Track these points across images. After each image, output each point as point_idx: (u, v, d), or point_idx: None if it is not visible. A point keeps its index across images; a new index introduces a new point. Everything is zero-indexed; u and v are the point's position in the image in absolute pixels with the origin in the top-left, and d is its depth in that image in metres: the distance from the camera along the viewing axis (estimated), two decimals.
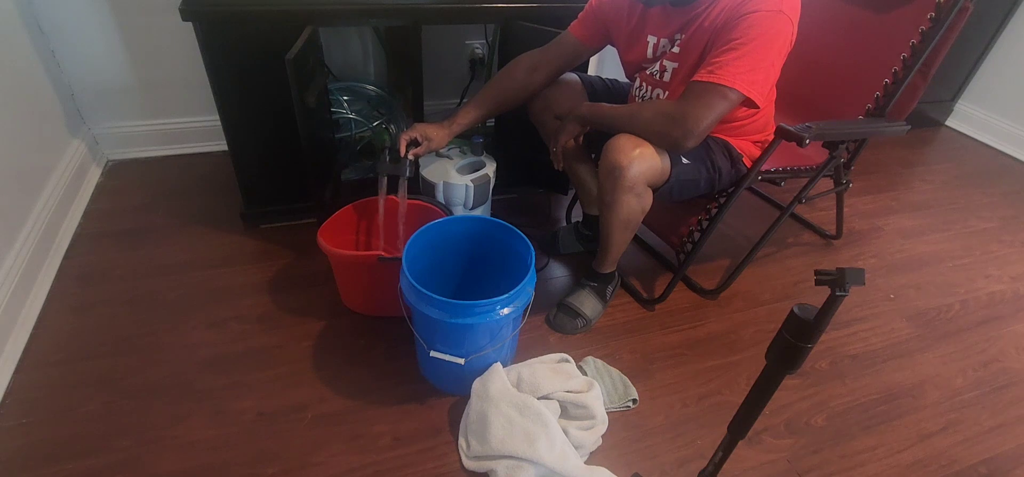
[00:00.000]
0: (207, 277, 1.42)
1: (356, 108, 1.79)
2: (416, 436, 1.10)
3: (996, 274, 1.69)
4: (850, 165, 1.52)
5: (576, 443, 1.07)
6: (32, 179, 1.43)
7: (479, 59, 1.95)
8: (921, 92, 1.39)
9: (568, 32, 1.31)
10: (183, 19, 1.22)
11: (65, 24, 1.59)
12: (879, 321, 1.48)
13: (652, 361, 1.30)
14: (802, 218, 1.87)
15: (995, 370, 1.36)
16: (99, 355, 1.20)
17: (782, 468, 1.10)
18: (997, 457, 1.16)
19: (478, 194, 1.46)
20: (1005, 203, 2.07)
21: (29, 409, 1.09)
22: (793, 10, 1.02)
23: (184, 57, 1.70)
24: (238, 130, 1.42)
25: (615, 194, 1.16)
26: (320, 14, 1.31)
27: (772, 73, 1.07)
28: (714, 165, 1.24)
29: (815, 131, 1.21)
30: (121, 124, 1.80)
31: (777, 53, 1.04)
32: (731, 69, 1.02)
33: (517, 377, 1.13)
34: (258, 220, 1.60)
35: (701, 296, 1.51)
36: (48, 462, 1.00)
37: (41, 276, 1.34)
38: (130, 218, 1.61)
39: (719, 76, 1.02)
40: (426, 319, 1.04)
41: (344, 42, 1.85)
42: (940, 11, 1.27)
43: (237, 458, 1.04)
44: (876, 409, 1.24)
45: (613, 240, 1.28)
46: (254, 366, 1.21)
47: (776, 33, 1.01)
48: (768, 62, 1.04)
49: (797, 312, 0.65)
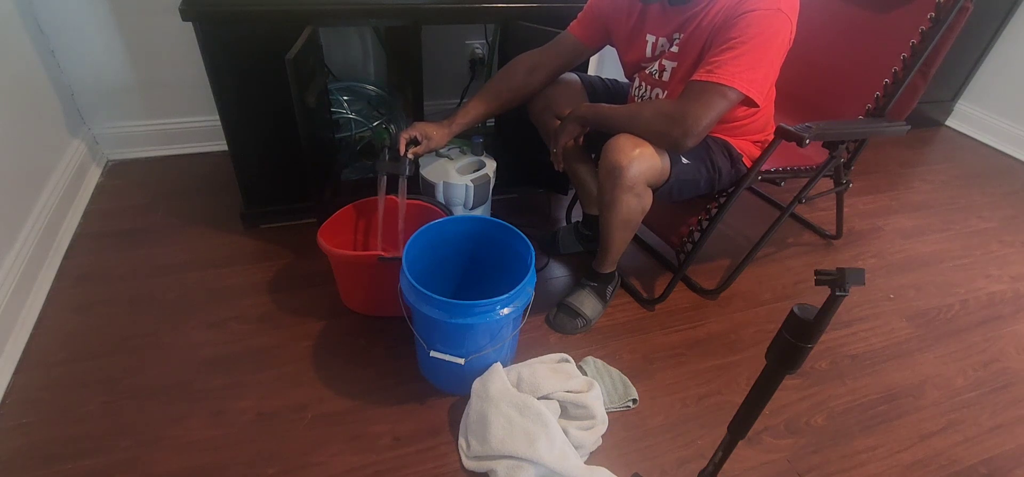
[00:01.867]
0: (207, 277, 1.42)
1: (356, 108, 1.79)
2: (416, 436, 1.10)
3: (996, 274, 1.69)
4: (850, 165, 1.52)
5: (576, 443, 1.07)
6: (32, 179, 1.43)
7: (479, 59, 1.95)
8: (921, 92, 1.39)
9: (567, 32, 1.31)
10: (183, 19, 1.22)
11: (65, 24, 1.59)
12: (879, 321, 1.48)
13: (652, 361, 1.30)
14: (802, 218, 1.87)
15: (995, 370, 1.36)
16: (99, 355, 1.20)
17: (782, 468, 1.10)
18: (997, 457, 1.16)
19: (478, 194, 1.46)
20: (1005, 203, 2.07)
21: (29, 409, 1.09)
22: (791, 9, 1.02)
23: (184, 57, 1.70)
24: (238, 130, 1.42)
25: (615, 194, 1.16)
26: (320, 14, 1.31)
27: (771, 72, 1.07)
28: (714, 165, 1.24)
29: (815, 131, 1.21)
30: (121, 124, 1.80)
31: (776, 52, 1.04)
32: (730, 68, 1.02)
33: (517, 377, 1.13)
34: (258, 220, 1.60)
35: (701, 296, 1.51)
36: (48, 462, 1.00)
37: (41, 276, 1.34)
38: (130, 218, 1.61)
39: (718, 75, 1.02)
40: (426, 319, 1.04)
41: (344, 42, 1.85)
42: (940, 11, 1.27)
43: (237, 458, 1.04)
44: (876, 409, 1.24)
45: (613, 240, 1.28)
46: (254, 366, 1.21)
47: (775, 32, 1.01)
48: (767, 61, 1.04)
49: (797, 312, 0.65)
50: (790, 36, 1.04)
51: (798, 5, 1.04)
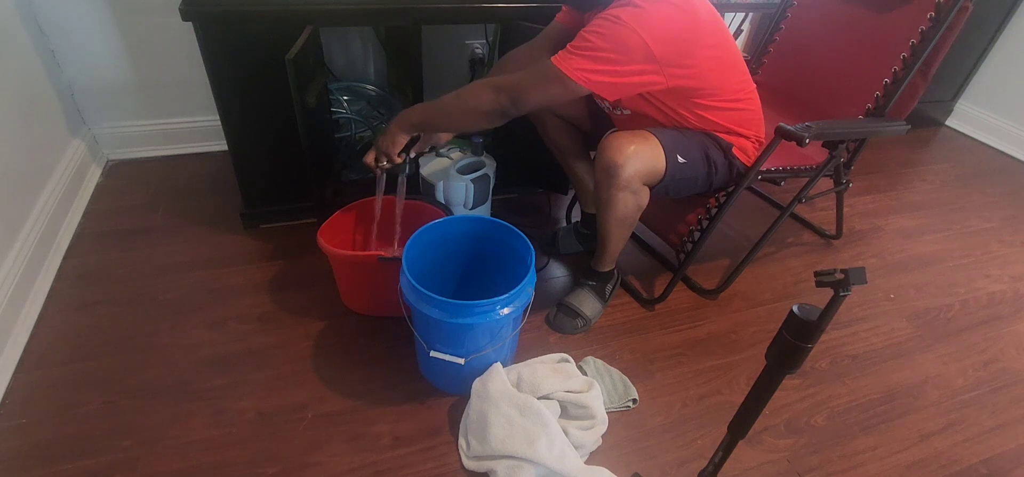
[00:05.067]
0: (207, 277, 1.42)
1: (356, 108, 1.79)
2: (416, 436, 1.10)
3: (996, 274, 1.69)
4: (850, 165, 1.52)
5: (576, 443, 1.07)
6: (32, 179, 1.43)
7: (479, 59, 1.95)
8: (921, 92, 1.39)
9: (555, 21, 1.31)
10: (183, 19, 1.22)
11: (65, 24, 1.59)
12: (879, 321, 1.48)
13: (652, 361, 1.30)
14: (802, 218, 1.86)
15: (995, 370, 1.36)
16: (99, 355, 1.20)
17: (782, 468, 1.10)
18: (997, 457, 1.16)
19: (478, 194, 1.46)
20: (1005, 203, 2.07)
21: (29, 409, 1.09)
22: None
23: (184, 57, 1.70)
24: (238, 130, 1.42)
25: (611, 192, 1.16)
26: (320, 14, 1.31)
27: (619, 73, 1.05)
28: (709, 159, 1.23)
29: (815, 131, 1.21)
30: (121, 124, 1.80)
31: (623, 47, 1.02)
32: (576, 60, 1.02)
33: (517, 377, 1.13)
34: (258, 220, 1.60)
35: (701, 296, 1.51)
36: (48, 462, 1.00)
37: (41, 276, 1.34)
38: (130, 218, 1.61)
39: (566, 64, 1.03)
40: (426, 319, 1.04)
41: (344, 42, 1.85)
42: (940, 11, 1.27)
43: (237, 458, 1.04)
44: (876, 409, 1.24)
45: (611, 238, 1.28)
46: (254, 366, 1.21)
47: (625, 30, 1.00)
48: (605, 56, 1.02)
49: (797, 312, 0.65)
50: (656, 23, 1.02)
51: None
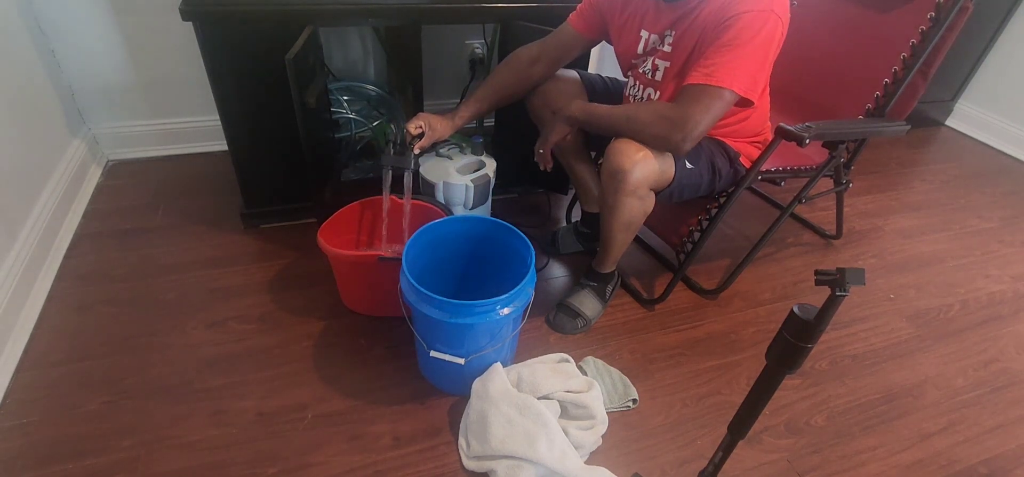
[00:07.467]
0: (207, 277, 1.42)
1: (356, 108, 1.79)
2: (416, 436, 1.10)
3: (996, 274, 1.69)
4: (850, 165, 1.52)
5: (576, 443, 1.07)
6: (32, 179, 1.43)
7: (479, 59, 1.95)
8: (921, 92, 1.39)
9: (567, 23, 1.31)
10: (183, 19, 1.22)
11: (65, 24, 1.59)
12: (879, 321, 1.48)
13: (652, 361, 1.30)
14: (802, 218, 1.86)
15: (995, 370, 1.36)
16: (99, 355, 1.20)
17: (782, 468, 1.10)
18: (997, 457, 1.16)
19: (478, 194, 1.46)
20: (1005, 203, 2.07)
21: (29, 409, 1.09)
22: (783, 9, 1.02)
23: (184, 57, 1.70)
24: (238, 130, 1.42)
25: (618, 197, 1.16)
26: (320, 14, 1.31)
27: (765, 72, 1.07)
28: (714, 166, 1.24)
29: (815, 131, 1.21)
30: (121, 124, 1.80)
31: (769, 52, 1.04)
32: (726, 69, 1.02)
33: (517, 377, 1.13)
34: (258, 220, 1.60)
35: (701, 296, 1.51)
36: (48, 462, 1.00)
37: (41, 276, 1.34)
38: (130, 218, 1.60)
39: (716, 77, 1.02)
40: (426, 319, 1.04)
41: (344, 42, 1.85)
42: (940, 11, 1.27)
43: (237, 458, 1.04)
44: (876, 409, 1.24)
45: (614, 242, 1.28)
46: (254, 366, 1.21)
47: (768, 32, 1.01)
48: (760, 61, 1.04)
49: (797, 312, 0.65)
50: (782, 36, 1.05)
51: (788, 5, 1.04)
